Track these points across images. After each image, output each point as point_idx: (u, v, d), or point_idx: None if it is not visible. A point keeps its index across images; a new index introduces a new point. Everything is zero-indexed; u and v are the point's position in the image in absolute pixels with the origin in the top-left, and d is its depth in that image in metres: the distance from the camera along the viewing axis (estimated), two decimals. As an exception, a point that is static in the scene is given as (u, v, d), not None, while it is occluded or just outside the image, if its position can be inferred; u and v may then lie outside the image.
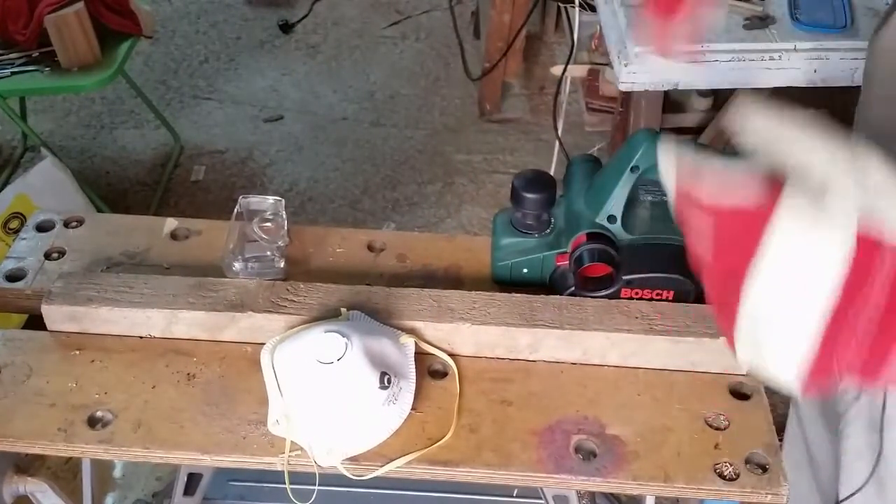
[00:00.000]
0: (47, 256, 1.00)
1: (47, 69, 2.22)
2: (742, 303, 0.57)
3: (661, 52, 0.88)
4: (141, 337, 0.90)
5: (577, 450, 0.80)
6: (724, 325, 0.60)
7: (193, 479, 1.23)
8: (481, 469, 0.79)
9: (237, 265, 0.94)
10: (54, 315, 0.90)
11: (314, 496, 0.83)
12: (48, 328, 0.91)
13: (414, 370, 0.84)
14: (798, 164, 0.55)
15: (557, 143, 2.33)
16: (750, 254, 0.56)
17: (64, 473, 1.10)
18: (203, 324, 0.89)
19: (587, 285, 0.91)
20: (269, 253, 0.96)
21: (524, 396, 0.85)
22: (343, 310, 0.88)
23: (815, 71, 1.56)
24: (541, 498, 1.22)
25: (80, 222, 1.05)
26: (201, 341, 0.90)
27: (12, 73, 2.21)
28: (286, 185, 2.71)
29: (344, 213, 2.62)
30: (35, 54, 2.23)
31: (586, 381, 0.87)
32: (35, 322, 0.93)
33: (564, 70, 2.29)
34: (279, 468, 0.80)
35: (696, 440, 0.81)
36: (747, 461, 0.79)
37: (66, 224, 1.05)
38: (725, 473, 0.78)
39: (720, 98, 2.14)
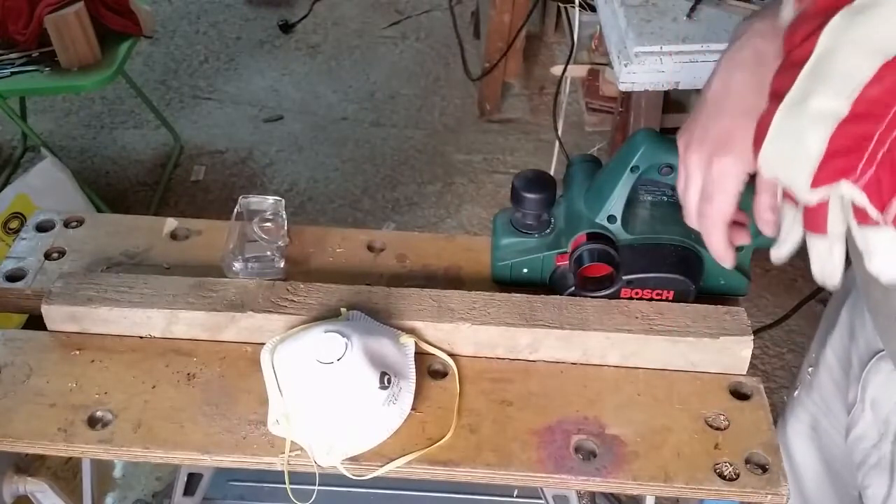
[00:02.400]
0: (47, 256, 1.00)
1: (47, 69, 2.22)
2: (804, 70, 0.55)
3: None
4: (141, 337, 0.90)
5: (577, 450, 0.80)
6: (765, 117, 0.58)
7: (193, 479, 1.23)
8: (481, 469, 0.79)
9: (237, 265, 0.94)
10: (54, 315, 0.90)
11: (314, 496, 0.83)
12: (48, 328, 0.91)
13: (414, 370, 0.84)
14: None
15: (557, 143, 2.33)
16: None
17: (64, 473, 1.10)
18: (203, 324, 0.89)
19: (587, 285, 0.91)
20: (269, 253, 0.96)
21: (524, 396, 0.85)
22: (343, 310, 0.88)
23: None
24: (541, 498, 1.22)
25: (80, 222, 1.05)
26: (201, 341, 0.90)
27: (12, 73, 2.21)
28: (286, 185, 2.71)
29: (344, 213, 2.62)
30: (35, 54, 2.24)
31: (586, 381, 0.87)
32: (35, 322, 0.93)
33: (564, 70, 2.29)
34: (279, 468, 0.80)
35: (696, 440, 0.81)
36: (747, 461, 0.79)
37: (66, 224, 1.05)
38: (725, 473, 0.78)
39: (720, 98, 2.13)
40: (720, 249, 0.75)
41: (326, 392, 0.78)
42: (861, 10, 0.54)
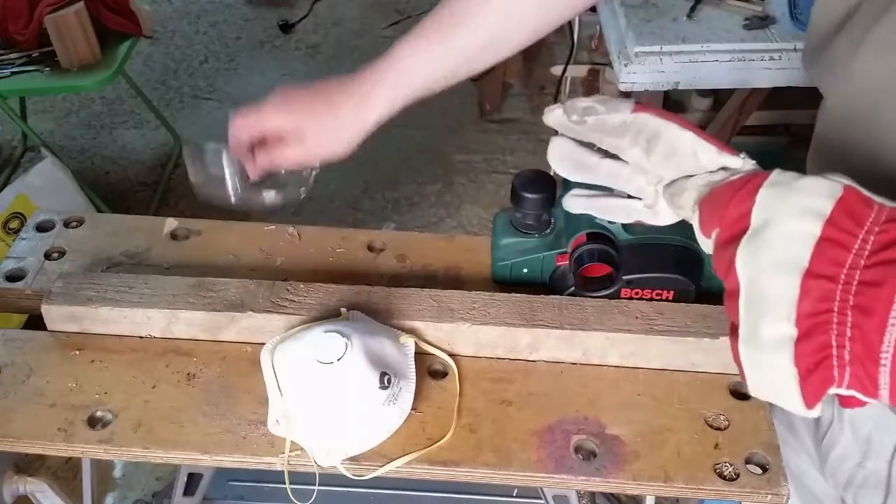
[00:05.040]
0: (47, 256, 1.00)
1: (47, 69, 2.22)
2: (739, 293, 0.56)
3: None
4: (141, 337, 0.90)
5: (577, 450, 0.80)
6: (733, 350, 0.58)
7: (193, 479, 1.23)
8: (481, 469, 0.79)
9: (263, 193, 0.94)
10: (54, 315, 0.90)
11: (314, 496, 0.83)
12: (48, 328, 0.91)
13: (414, 370, 0.84)
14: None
15: (557, 143, 2.33)
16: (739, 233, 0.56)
17: (64, 473, 1.10)
18: (203, 324, 0.89)
19: (587, 285, 0.91)
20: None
21: (524, 396, 0.85)
22: (343, 310, 0.88)
23: (814, 71, 1.56)
24: (541, 498, 1.22)
25: (80, 222, 1.05)
26: (201, 341, 0.90)
27: (12, 73, 2.21)
28: (286, 185, 2.71)
29: (344, 213, 2.62)
30: (35, 54, 2.24)
31: (586, 381, 0.87)
32: (35, 322, 0.93)
33: (564, 70, 2.29)
34: (279, 468, 0.80)
35: (696, 440, 0.81)
36: (747, 461, 0.79)
37: (66, 224, 1.05)
38: (725, 473, 0.78)
39: (720, 98, 2.14)
40: None
41: (326, 392, 0.78)
42: (758, 232, 0.55)
